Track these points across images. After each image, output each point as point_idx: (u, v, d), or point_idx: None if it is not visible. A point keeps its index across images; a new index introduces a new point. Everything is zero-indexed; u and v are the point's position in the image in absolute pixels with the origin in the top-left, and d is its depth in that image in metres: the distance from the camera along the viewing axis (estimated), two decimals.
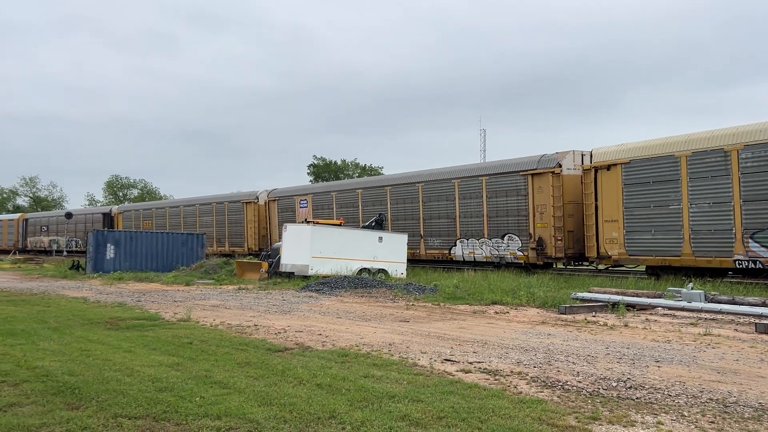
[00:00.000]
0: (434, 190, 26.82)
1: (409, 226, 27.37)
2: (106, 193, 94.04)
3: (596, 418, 5.43)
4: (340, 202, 31.59)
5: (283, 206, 35.27)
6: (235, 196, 38.93)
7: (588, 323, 11.68)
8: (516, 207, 23.38)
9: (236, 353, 8.33)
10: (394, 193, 28.77)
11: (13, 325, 11.03)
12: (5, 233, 61.31)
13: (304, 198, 33.87)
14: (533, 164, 22.91)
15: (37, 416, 5.37)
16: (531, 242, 22.65)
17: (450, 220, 26.00)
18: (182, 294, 18.13)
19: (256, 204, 36.49)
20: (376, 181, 31.64)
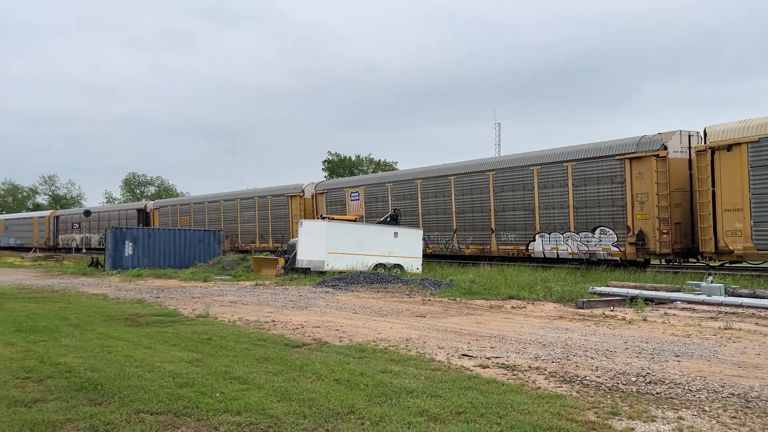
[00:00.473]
0: (508, 178, 23.87)
1: (478, 220, 24.89)
2: (123, 191, 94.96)
3: (616, 413, 5.41)
4: (396, 193, 29.13)
5: (333, 199, 33.01)
6: (279, 189, 36.74)
7: (606, 318, 11.61)
8: (610, 196, 20.45)
9: (255, 349, 8.39)
10: (460, 183, 25.83)
11: (36, 321, 11.20)
12: (36, 231, 60.46)
13: (356, 190, 31.51)
14: (631, 147, 19.88)
15: (61, 412, 5.46)
16: (629, 236, 19.77)
17: (527, 212, 23.13)
18: (200, 290, 18.28)
19: (301, 197, 34.48)
20: (437, 170, 27.91)
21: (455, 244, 25.77)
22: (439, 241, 26.56)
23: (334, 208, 32.66)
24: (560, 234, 22.13)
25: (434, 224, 26.80)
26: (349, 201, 31.68)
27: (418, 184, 27.99)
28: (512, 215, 23.85)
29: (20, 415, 5.33)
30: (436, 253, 26.64)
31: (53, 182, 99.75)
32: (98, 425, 5.07)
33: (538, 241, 22.81)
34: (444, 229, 26.31)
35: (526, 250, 23.25)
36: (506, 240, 24.03)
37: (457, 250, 25.79)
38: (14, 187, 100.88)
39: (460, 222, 25.65)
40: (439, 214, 26.75)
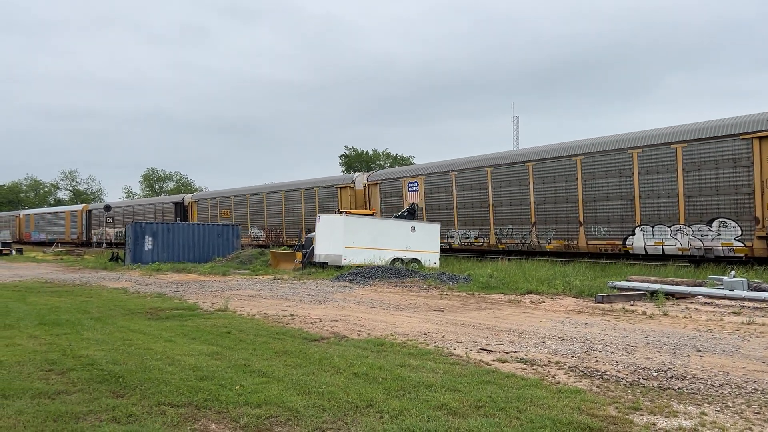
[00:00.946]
0: (600, 164, 21.03)
1: (562, 211, 22.22)
2: (143, 186, 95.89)
3: (637, 408, 5.35)
4: (461, 183, 26.36)
5: (388, 190, 30.54)
6: (328, 180, 34.85)
7: (626, 312, 11.50)
8: (732, 182, 17.69)
9: (274, 342, 8.44)
10: (541, 170, 23.10)
11: (58, 315, 11.36)
12: (68, 225, 58.91)
13: (414, 180, 28.88)
14: (763, 124, 17.12)
15: (84, 404, 5.53)
16: (759, 229, 17.06)
17: (625, 202, 20.29)
18: (219, 284, 18.42)
19: (352, 189, 32.29)
20: (512, 155, 25.20)
21: (533, 239, 23.16)
22: (513, 235, 24.00)
23: (390, 200, 30.52)
24: (666, 227, 19.31)
25: (508, 216, 24.29)
26: (406, 192, 29.32)
27: (489, 172, 25.10)
28: (605, 205, 20.91)
29: (44, 407, 5.41)
30: (510, 249, 24.17)
31: (74, 178, 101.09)
32: (120, 417, 5.12)
33: (638, 235, 19.95)
34: (520, 222, 23.76)
35: (623, 246, 20.32)
36: (598, 234, 21.05)
37: (536, 246, 23.12)
38: (36, 183, 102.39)
39: (541, 214, 22.99)
40: (514, 206, 24.11)
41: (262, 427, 4.89)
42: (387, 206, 30.35)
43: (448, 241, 26.59)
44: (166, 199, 51.98)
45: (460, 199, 26.29)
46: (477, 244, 25.54)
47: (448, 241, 26.59)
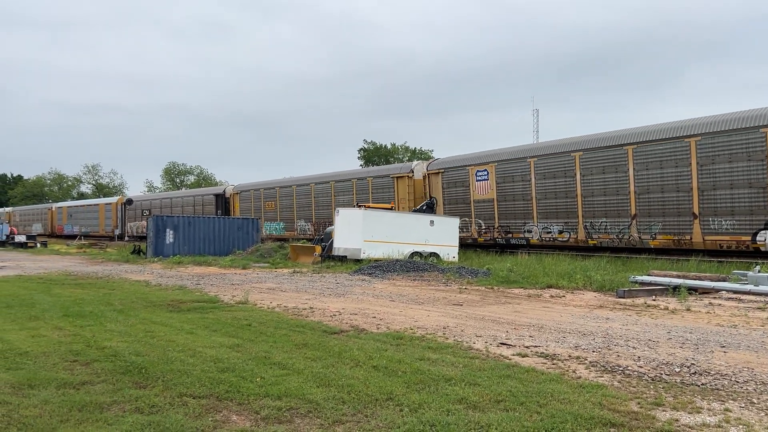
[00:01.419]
0: (722, 146, 18.03)
1: (671, 201, 19.28)
2: (164, 180, 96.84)
3: (660, 404, 5.30)
4: (542, 170, 23.54)
5: (452, 179, 27.72)
6: (383, 170, 32.94)
7: (648, 307, 11.38)
8: None
9: (294, 335, 8.48)
10: (642, 155, 20.04)
11: (82, 307, 11.53)
12: (102, 218, 56.67)
13: (484, 168, 26.02)
14: None
15: (108, 394, 5.61)
16: None
17: (755, 191, 17.32)
18: (239, 277, 18.56)
19: (410, 178, 29.95)
20: (606, 138, 21.83)
21: (634, 234, 20.28)
22: (608, 229, 21.12)
23: (454, 191, 27.66)
24: None
25: (601, 208, 21.36)
26: (473, 181, 26.46)
27: (576, 158, 22.12)
28: (728, 195, 17.91)
29: (69, 397, 5.50)
30: (603, 245, 21.25)
31: (96, 171, 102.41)
32: (143, 407, 5.19)
33: None
34: (616, 214, 20.82)
35: (752, 242, 17.44)
36: (718, 228, 18.15)
37: (636, 241, 20.32)
38: (60, 177, 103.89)
39: (643, 205, 20.03)
40: (608, 196, 21.08)
41: (283, 419, 4.92)
42: (450, 198, 27.75)
43: (525, 236, 24.17)
44: (207, 191, 49.06)
45: (541, 188, 23.42)
46: (561, 239, 22.76)
47: (525, 236, 24.18)
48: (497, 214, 25.40)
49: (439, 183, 28.45)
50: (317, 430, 4.66)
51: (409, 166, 30.77)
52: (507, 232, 24.95)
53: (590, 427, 4.64)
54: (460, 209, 27.03)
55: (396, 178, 30.59)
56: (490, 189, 25.76)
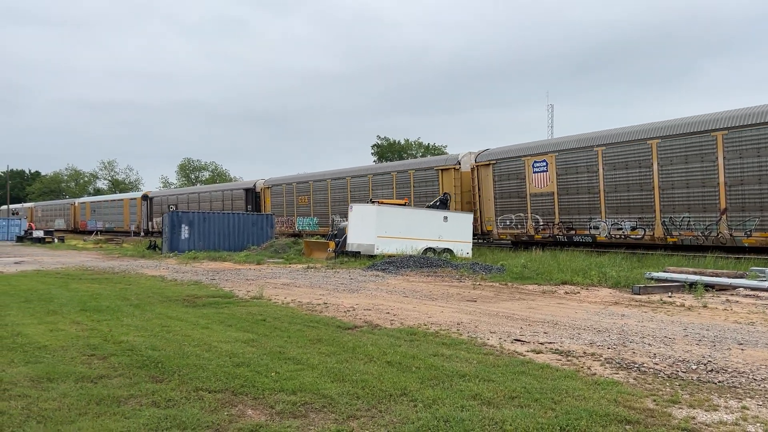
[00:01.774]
0: None
1: None
2: (179, 176, 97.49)
3: (676, 401, 5.26)
4: (612, 160, 21.47)
5: (504, 171, 25.73)
6: (426, 162, 30.67)
7: (664, 304, 11.29)
8: None
9: (308, 330, 8.52)
10: (736, 141, 17.88)
11: (99, 301, 11.65)
12: (126, 214, 55.72)
13: (542, 159, 24.03)
14: None
15: (125, 388, 5.67)
16: None
17: None
18: (254, 273, 18.66)
19: (457, 170, 27.77)
20: (688, 123, 19.62)
21: (723, 231, 18.30)
22: (692, 225, 19.17)
23: (506, 183, 25.73)
24: None
25: (683, 202, 19.41)
26: (530, 173, 24.51)
27: (654, 146, 20.10)
28: None
29: (87, 390, 5.56)
30: (683, 243, 19.48)
31: (112, 167, 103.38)
32: (160, 401, 5.24)
33: None
34: (701, 209, 18.90)
35: None
36: None
37: (727, 239, 18.31)
38: (76, 173, 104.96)
39: (735, 198, 17.98)
40: (692, 188, 19.08)
41: (298, 414, 4.95)
42: (503, 191, 25.76)
43: (590, 233, 22.15)
44: (236, 186, 46.96)
45: (610, 180, 21.47)
46: (635, 236, 20.78)
47: (590, 233, 22.15)
48: (558, 208, 23.39)
49: (490, 175, 26.40)
50: (332, 424, 4.68)
51: (455, 158, 28.48)
52: (569, 228, 22.85)
53: (605, 424, 4.62)
54: (514, 204, 25.39)
55: (441, 170, 28.53)
56: (550, 181, 23.65)
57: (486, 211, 26.73)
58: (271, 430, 4.55)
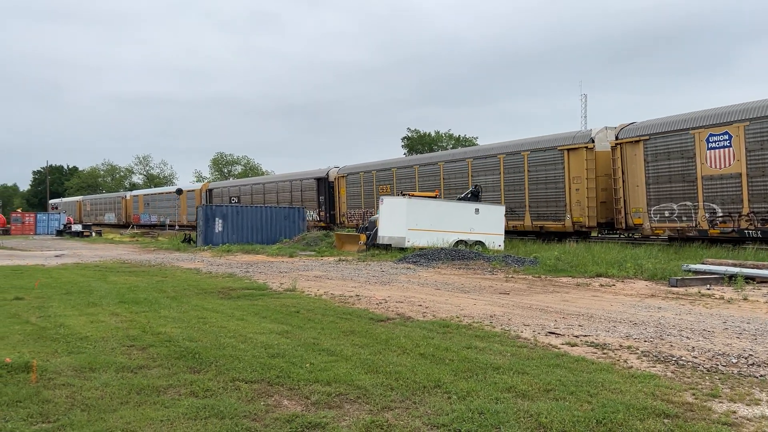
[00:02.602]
0: None
1: None
2: (212, 170, 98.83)
3: (716, 395, 5.16)
4: None
5: (662, 149, 20.77)
6: (546, 141, 25.08)
7: (702, 296, 11.07)
8: None
9: (341, 322, 8.58)
10: None
11: (137, 294, 11.91)
12: (184, 206, 53.37)
13: (722, 131, 19.02)
14: None
15: (164, 378, 5.79)
16: None
17: None
18: (286, 265, 18.84)
19: (589, 150, 22.86)
20: None
21: None
22: None
23: (665, 164, 20.73)
24: None
25: None
26: (701, 150, 19.52)
27: None
28: None
29: (128, 380, 5.70)
30: None
31: (147, 162, 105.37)
32: (198, 391, 5.34)
33: None
34: None
35: None
36: None
37: None
38: (112, 168, 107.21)
39: None
40: None
41: (333, 404, 5.00)
42: (658, 174, 20.90)
43: None
44: (306, 174, 42.52)
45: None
46: None
47: None
48: (748, 195, 18.40)
49: (639, 155, 21.41)
50: (366, 415, 4.72)
51: (587, 134, 23.64)
52: (766, 220, 18.15)
53: (643, 418, 4.56)
54: (675, 190, 20.47)
55: (567, 150, 23.64)
56: (735, 159, 18.57)
57: (633, 199, 21.82)
58: (306, 420, 4.60)
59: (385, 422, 4.56)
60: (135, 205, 63.47)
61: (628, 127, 22.51)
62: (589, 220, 23.06)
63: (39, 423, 4.61)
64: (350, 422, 4.58)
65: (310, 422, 4.56)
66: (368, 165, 36.82)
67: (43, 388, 5.45)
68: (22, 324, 8.63)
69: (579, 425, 4.39)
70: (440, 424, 4.49)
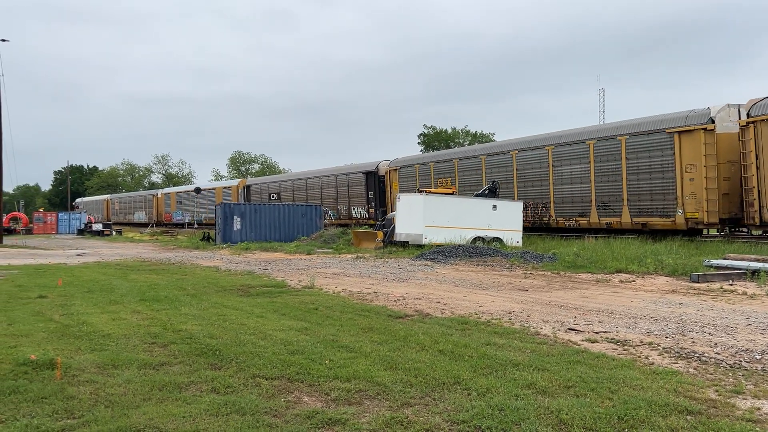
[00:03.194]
0: None
1: None
2: (229, 168, 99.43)
3: (739, 392, 5.10)
4: None
5: None
6: (651, 123, 21.34)
7: (724, 292, 10.92)
8: None
9: (359, 319, 8.60)
10: None
11: (157, 291, 12.03)
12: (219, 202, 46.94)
13: None
14: None
15: (185, 375, 5.85)
16: None
17: None
18: (304, 263, 18.92)
19: (708, 132, 19.29)
20: None
21: None
22: None
23: None
24: None
25: None
26: None
27: None
28: None
29: (150, 377, 5.77)
30: None
31: (166, 161, 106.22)
32: (219, 388, 5.39)
33: None
34: None
35: None
36: None
37: None
38: (132, 167, 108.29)
39: None
40: None
41: (353, 401, 5.02)
42: None
43: None
44: (353, 168, 39.50)
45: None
46: None
47: None
48: None
49: None
50: (386, 411, 4.73)
51: (704, 114, 19.67)
52: None
53: (665, 414, 4.51)
54: None
55: (678, 133, 20.00)
56: None
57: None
58: (327, 416, 4.62)
59: (404, 418, 4.56)
60: (167, 204, 60.76)
61: (761, 102, 18.28)
62: (708, 216, 19.27)
63: (64, 419, 4.68)
64: (370, 418, 4.60)
65: (331, 418, 4.58)
66: (424, 157, 34.02)
67: (68, 384, 5.53)
68: (46, 322, 8.76)
69: (600, 422, 4.36)
70: (460, 420, 4.49)
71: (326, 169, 42.85)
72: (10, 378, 5.74)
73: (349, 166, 41.07)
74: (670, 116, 20.91)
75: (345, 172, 39.36)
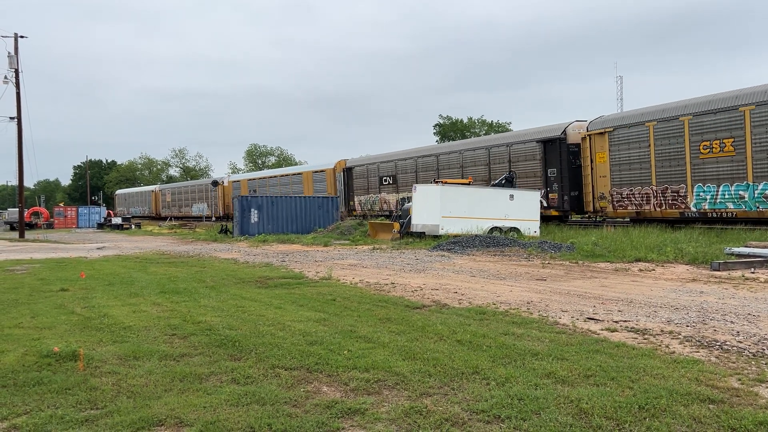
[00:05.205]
0: None
1: None
2: (246, 161, 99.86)
3: (763, 380, 5.03)
4: None
5: None
6: None
7: (746, 280, 10.78)
8: None
9: (377, 310, 8.62)
10: None
11: (176, 284, 12.15)
12: (309, 187, 43.89)
13: None
14: None
15: (205, 366, 5.90)
16: None
17: None
18: (322, 254, 18.98)
19: None
20: None
21: None
22: None
23: None
24: None
25: None
26: None
27: None
28: None
29: (170, 368, 5.83)
30: None
31: (183, 155, 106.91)
32: (239, 378, 5.44)
33: None
34: None
35: None
36: None
37: None
38: (150, 161, 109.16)
39: None
40: None
41: (371, 391, 5.03)
42: None
43: None
44: (518, 137, 28.28)
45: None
46: None
47: None
48: None
49: None
50: (405, 401, 4.73)
51: None
52: None
53: (687, 403, 4.47)
54: None
55: None
56: None
57: None
58: (346, 406, 4.64)
59: (423, 408, 4.57)
60: (236, 193, 48.65)
61: None
62: None
63: (87, 410, 4.75)
64: (389, 408, 4.61)
65: (350, 408, 4.60)
66: (651, 110, 21.78)
67: (90, 376, 5.61)
68: (68, 314, 8.89)
69: (621, 411, 4.33)
70: (479, 410, 4.48)
71: (469, 141, 33.98)
72: (34, 369, 5.84)
73: (513, 134, 30.32)
74: None
75: (503, 142, 28.45)
